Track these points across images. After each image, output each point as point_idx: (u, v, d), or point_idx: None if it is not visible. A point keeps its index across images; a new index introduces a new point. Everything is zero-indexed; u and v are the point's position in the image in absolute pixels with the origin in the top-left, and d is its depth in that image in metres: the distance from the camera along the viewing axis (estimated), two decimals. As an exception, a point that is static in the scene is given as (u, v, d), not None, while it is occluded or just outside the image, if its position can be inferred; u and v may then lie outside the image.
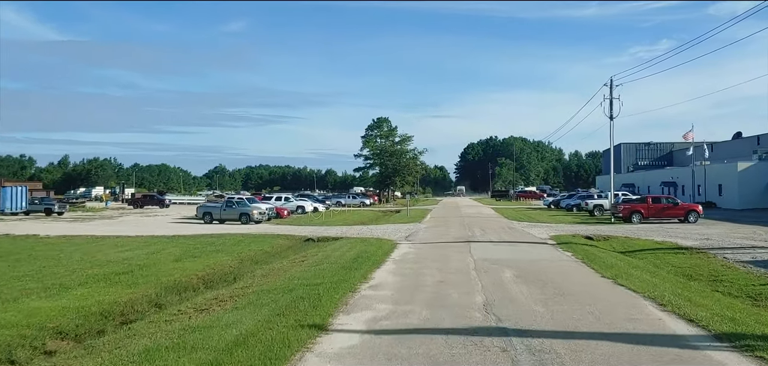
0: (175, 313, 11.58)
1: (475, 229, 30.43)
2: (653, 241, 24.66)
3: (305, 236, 29.08)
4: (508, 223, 35.42)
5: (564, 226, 33.14)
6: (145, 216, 51.50)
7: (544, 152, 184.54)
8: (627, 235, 26.87)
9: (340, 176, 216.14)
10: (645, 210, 35.03)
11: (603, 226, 32.52)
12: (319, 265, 16.85)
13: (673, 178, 62.03)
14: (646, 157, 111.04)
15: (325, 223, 39.85)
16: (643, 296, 11.33)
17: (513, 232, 28.26)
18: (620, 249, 22.60)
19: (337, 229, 33.41)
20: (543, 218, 41.63)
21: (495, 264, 16.06)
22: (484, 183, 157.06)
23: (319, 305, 10.31)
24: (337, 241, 25.71)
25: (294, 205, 51.98)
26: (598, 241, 25.60)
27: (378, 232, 29.39)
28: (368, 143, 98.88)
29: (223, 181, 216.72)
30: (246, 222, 38.69)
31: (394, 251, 19.87)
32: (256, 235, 29.38)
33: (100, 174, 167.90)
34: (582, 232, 28.32)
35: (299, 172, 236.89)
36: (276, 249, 24.91)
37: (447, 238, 25.44)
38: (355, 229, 32.27)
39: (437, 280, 13.42)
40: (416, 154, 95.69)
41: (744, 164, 49.40)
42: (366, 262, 16.63)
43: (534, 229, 30.36)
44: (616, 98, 37.15)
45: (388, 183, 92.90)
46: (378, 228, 33.16)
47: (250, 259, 21.40)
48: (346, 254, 19.08)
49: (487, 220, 39.52)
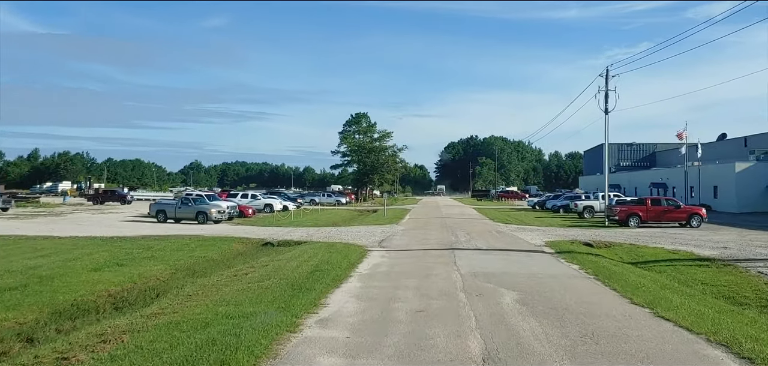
0: (27, 361, 7.83)
1: (459, 232, 26.95)
2: (664, 249, 21.40)
3: (265, 239, 25.34)
4: (495, 226, 32.01)
5: (556, 230, 29.84)
6: (99, 213, 47.21)
7: (525, 152, 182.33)
8: (631, 242, 23.61)
9: (319, 174, 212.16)
10: (644, 213, 31.92)
11: (599, 231, 29.29)
12: (264, 281, 13.17)
13: (662, 179, 59.41)
14: (629, 158, 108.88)
15: (294, 223, 36.10)
16: (706, 340, 7.91)
17: (502, 238, 24.83)
18: (629, 259, 19.31)
19: (304, 231, 29.71)
20: (530, 220, 38.36)
21: (488, 281, 12.54)
22: (464, 182, 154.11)
23: (230, 361, 6.66)
24: (298, 247, 22.03)
25: (261, 203, 48.07)
26: (600, 248, 22.31)
27: (348, 236, 25.76)
28: (346, 139, 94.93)
29: (198, 178, 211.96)
30: (203, 221, 34.77)
31: (362, 261, 16.27)
32: (207, 238, 25.54)
33: (69, 168, 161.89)
34: (579, 238, 25.01)
35: (277, 169, 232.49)
36: (225, 255, 21.13)
37: (427, 243, 21.90)
38: (323, 232, 28.60)
39: (415, 308, 9.85)
40: (395, 151, 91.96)
41: (742, 165, 46.72)
42: (324, 278, 13.00)
43: (525, 233, 26.96)
44: (613, 90, 33.97)
45: (366, 181, 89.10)
46: (350, 230, 29.53)
47: (187, 269, 17.62)
48: (303, 265, 15.41)
49: (471, 222, 36.09)
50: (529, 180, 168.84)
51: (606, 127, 34.26)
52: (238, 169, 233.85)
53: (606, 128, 34.28)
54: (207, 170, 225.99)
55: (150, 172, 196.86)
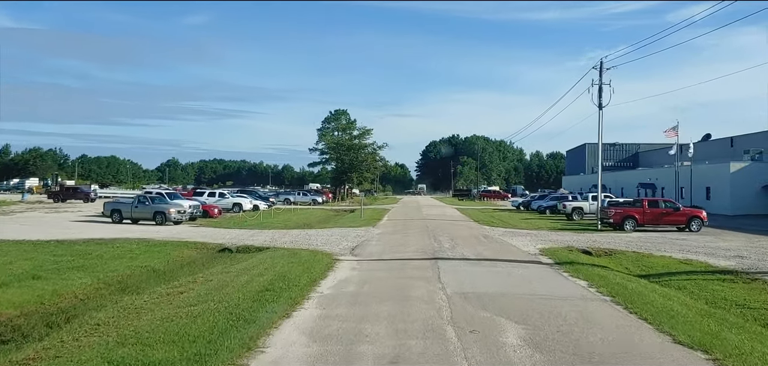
0: None
1: (442, 237, 24.26)
2: (673, 259, 18.93)
3: (223, 244, 22.39)
4: (481, 229, 29.40)
5: (547, 234, 27.32)
6: (55, 212, 43.69)
7: (506, 152, 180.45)
8: (633, 249, 21.14)
9: (298, 172, 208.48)
10: (640, 215, 29.56)
11: (594, 235, 26.85)
12: (198, 305, 10.32)
13: (651, 180, 57.42)
14: (612, 158, 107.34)
15: (262, 224, 33.15)
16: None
17: (491, 243, 22.18)
18: (638, 271, 16.79)
19: (271, 233, 26.81)
20: (516, 222, 35.85)
21: (483, 308, 9.85)
22: (445, 182, 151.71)
23: None
24: (257, 254, 19.16)
25: (229, 202, 44.89)
26: (600, 256, 19.80)
27: (318, 240, 22.92)
28: (324, 137, 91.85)
29: (175, 175, 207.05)
30: (161, 222, 31.66)
31: (327, 276, 13.47)
32: (158, 242, 22.52)
33: (39, 165, 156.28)
34: (574, 244, 22.48)
35: (255, 167, 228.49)
36: (171, 264, 18.17)
37: (406, 251, 19.15)
38: (291, 235, 25.71)
39: (387, 353, 7.10)
40: (375, 148, 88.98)
41: (737, 165, 44.72)
42: (275, 300, 10.21)
43: (515, 238, 24.35)
44: (607, 84, 31.56)
45: (344, 180, 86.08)
46: (321, 233, 26.68)
47: (118, 284, 14.65)
48: (254, 281, 12.57)
49: (454, 224, 33.44)
50: (510, 180, 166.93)
51: (600, 122, 31.90)
52: (216, 167, 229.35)
53: (600, 124, 31.92)
54: (184, 168, 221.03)
55: (125, 169, 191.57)
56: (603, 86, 31.61)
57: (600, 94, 31.72)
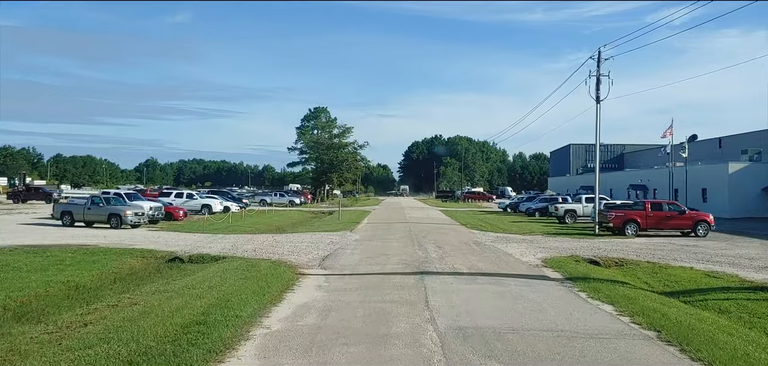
0: None
1: (428, 244, 21.43)
2: (695, 270, 16.31)
3: (175, 253, 19.33)
4: (470, 234, 26.66)
5: (543, 240, 24.65)
6: (7, 213, 40.19)
7: (489, 153, 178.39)
8: (646, 259, 18.52)
9: (279, 173, 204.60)
10: (642, 219, 27.05)
11: (594, 241, 24.28)
12: (95, 347, 7.34)
13: (642, 181, 55.25)
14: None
15: (230, 228, 30.09)
16: None
17: (484, 252, 19.38)
18: (661, 286, 14.12)
19: (235, 239, 23.78)
20: (506, 226, 33.18)
21: (490, 355, 7.01)
22: (428, 183, 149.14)
23: None
24: (211, 265, 16.18)
25: (198, 203, 41.66)
26: (609, 267, 17.17)
27: (286, 248, 19.97)
28: (303, 135, 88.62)
29: (154, 175, 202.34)
30: (117, 225, 28.48)
31: (283, 299, 10.57)
32: (97, 250, 19.38)
33: (9, 164, 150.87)
34: (577, 252, 19.83)
35: (235, 167, 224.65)
36: (101, 280, 15.06)
37: (386, 262, 16.29)
38: (257, 241, 22.71)
39: None
40: (356, 148, 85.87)
41: (736, 165, 42.55)
42: (198, 343, 7.28)
43: (510, 245, 21.58)
44: (606, 75, 29.04)
45: (324, 180, 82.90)
46: (291, 239, 23.72)
47: (18, 308, 11.55)
48: (186, 307, 9.63)
49: (440, 229, 30.66)
50: (493, 181, 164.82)
51: (597, 116, 29.36)
52: (195, 168, 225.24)
53: (597, 118, 29.39)
54: (163, 168, 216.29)
55: (101, 169, 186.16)
56: (601, 77, 29.13)
57: (597, 86, 29.23)
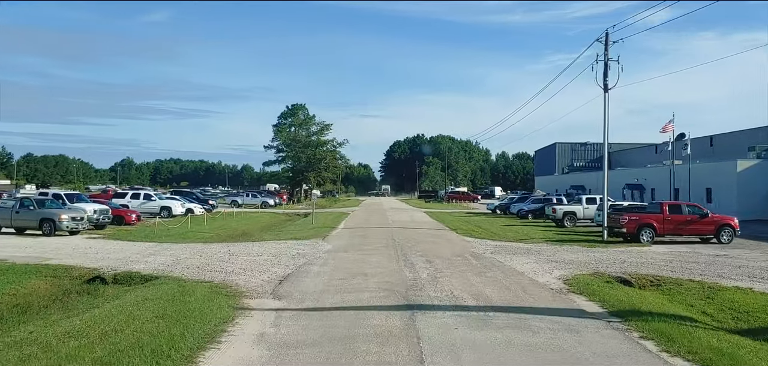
0: None
1: (416, 257, 17.62)
2: (758, 293, 12.72)
3: (99, 270, 15.28)
4: (463, 243, 22.93)
5: (550, 250, 21.02)
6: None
7: (472, 152, 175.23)
8: (686, 276, 14.95)
9: (258, 173, 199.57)
10: (659, 223, 23.58)
11: (607, 250, 20.75)
12: None
13: (638, 180, 52.06)
14: (582, 158, 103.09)
15: (185, 235, 26.10)
16: None
17: (487, 269, 15.60)
18: (731, 321, 10.64)
19: (184, 249, 19.76)
20: (500, 231, 29.59)
21: None
22: (410, 182, 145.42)
23: None
24: (134, 291, 12.23)
25: (156, 205, 37.35)
26: (645, 287, 13.60)
27: (240, 263, 16.05)
28: (280, 133, 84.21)
29: (129, 175, 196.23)
30: (50, 232, 24.34)
31: (199, 365, 6.69)
32: (4, 267, 15.28)
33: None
34: (598, 266, 16.21)
35: (213, 167, 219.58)
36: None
37: (363, 288, 12.43)
38: (209, 252, 18.72)
39: None
40: (335, 146, 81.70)
41: (745, 163, 39.36)
42: None
43: (515, 258, 17.82)
44: (615, 60, 25.54)
45: (301, 179, 78.61)
46: (252, 249, 19.77)
47: None
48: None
49: (428, 235, 26.91)
50: (476, 180, 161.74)
51: (605, 106, 25.77)
52: (172, 167, 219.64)
53: (605, 108, 25.80)
54: (138, 168, 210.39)
55: (74, 169, 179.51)
56: (609, 62, 25.61)
57: (605, 71, 25.67)
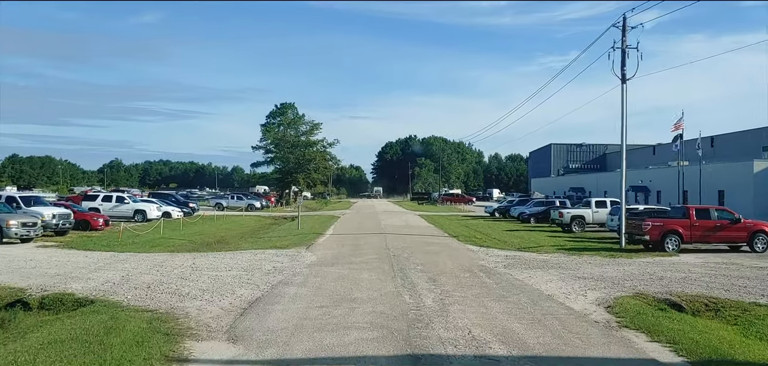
0: None
1: (416, 274, 14.81)
2: None
3: (28, 290, 12.39)
4: (469, 253, 20.11)
5: (567, 261, 18.30)
6: None
7: (465, 154, 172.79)
8: (740, 296, 12.21)
9: (248, 174, 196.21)
10: (685, 230, 20.93)
11: (633, 261, 18.05)
12: None
13: (643, 182, 49.60)
14: (578, 159, 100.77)
15: (152, 243, 23.21)
16: None
17: (506, 292, 12.82)
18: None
19: (142, 261, 16.86)
20: (505, 237, 26.89)
21: None
22: (402, 184, 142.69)
23: None
24: (51, 325, 9.35)
25: (130, 209, 34.33)
26: (701, 313, 10.89)
27: (202, 281, 13.21)
28: (269, 132, 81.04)
29: (118, 177, 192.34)
30: (-5, 241, 21.41)
31: None
32: None
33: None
34: (635, 284, 13.48)
35: (203, 168, 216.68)
36: None
37: (348, 325, 9.55)
38: (170, 265, 15.85)
39: None
40: (325, 146, 78.60)
41: (762, 164, 36.93)
42: None
43: (534, 274, 15.01)
44: (634, 48, 22.89)
45: (289, 181, 75.51)
46: (221, 262, 16.90)
47: None
48: None
49: (427, 244, 24.10)
50: (469, 182, 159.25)
51: (623, 99, 23.10)
52: (162, 169, 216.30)
53: (623, 101, 23.12)
54: (127, 169, 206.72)
55: (61, 170, 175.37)
56: (627, 49, 22.99)
57: (623, 60, 23.06)
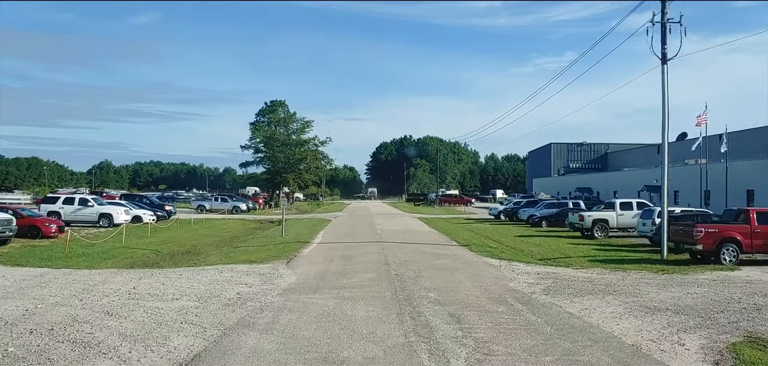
0: None
1: (430, 309, 11.10)
2: None
3: None
4: (492, 272, 16.35)
5: (612, 278, 14.64)
6: None
7: (461, 154, 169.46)
8: None
9: (240, 176, 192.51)
10: (745, 238, 17.33)
11: (700, 279, 14.41)
12: None
13: (658, 181, 45.93)
14: (579, 159, 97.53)
15: (108, 253, 19.51)
16: None
17: (563, 336, 9.13)
18: None
19: (70, 282, 13.09)
20: (520, 244, 23.31)
21: None
22: (397, 185, 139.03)
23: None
24: None
25: (94, 212, 30.43)
26: None
27: (134, 318, 9.48)
28: (258, 131, 77.10)
29: (107, 179, 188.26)
30: None
31: None
32: None
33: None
34: (731, 319, 9.83)
35: (194, 170, 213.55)
36: None
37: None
38: (106, 288, 12.09)
39: None
40: (317, 145, 74.58)
41: (794, 162, 33.65)
42: None
43: (592, 306, 11.20)
44: (677, 22, 19.29)
45: (279, 181, 71.57)
46: (170, 284, 13.15)
47: None
48: None
49: (435, 257, 20.36)
50: (465, 183, 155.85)
51: (664, 81, 19.49)
52: (152, 170, 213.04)
53: (664, 83, 19.51)
54: (117, 170, 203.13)
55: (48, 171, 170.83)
56: (668, 24, 19.43)
57: (663, 38, 19.48)
